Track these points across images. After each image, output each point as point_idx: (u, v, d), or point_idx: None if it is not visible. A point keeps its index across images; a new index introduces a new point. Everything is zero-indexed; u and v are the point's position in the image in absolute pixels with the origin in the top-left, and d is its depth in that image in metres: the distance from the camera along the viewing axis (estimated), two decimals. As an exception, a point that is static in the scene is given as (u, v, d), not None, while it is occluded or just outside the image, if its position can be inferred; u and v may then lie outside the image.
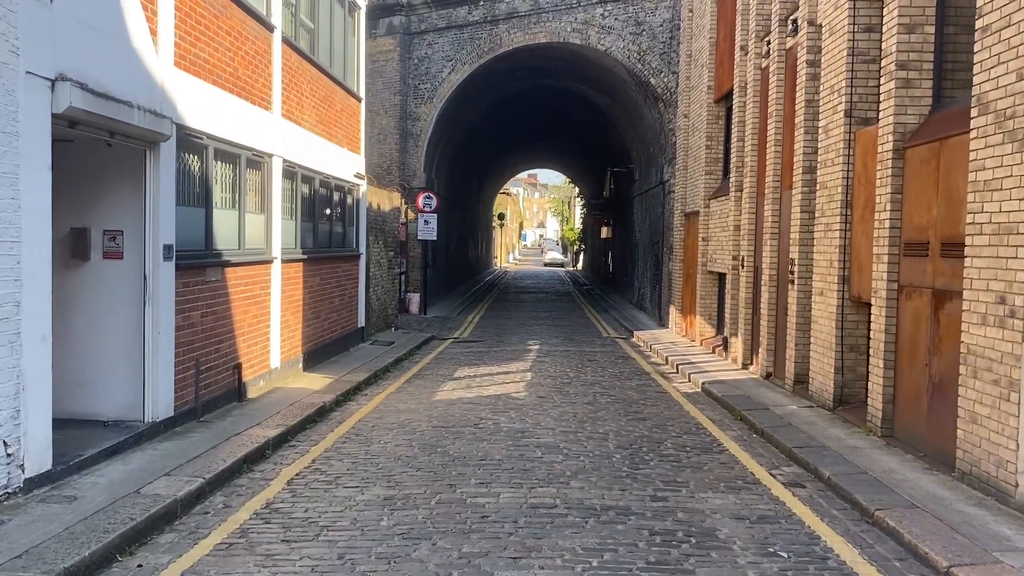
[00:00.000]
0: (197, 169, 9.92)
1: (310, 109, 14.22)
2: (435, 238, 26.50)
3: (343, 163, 16.37)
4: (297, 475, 8.03)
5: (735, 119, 15.93)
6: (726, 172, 18.15)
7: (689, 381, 14.07)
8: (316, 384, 12.67)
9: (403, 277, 26.23)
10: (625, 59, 23.51)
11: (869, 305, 10.13)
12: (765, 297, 13.53)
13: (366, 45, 27.61)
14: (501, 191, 71.46)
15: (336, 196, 16.27)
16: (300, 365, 13.78)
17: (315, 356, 14.57)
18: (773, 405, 11.16)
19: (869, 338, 10.26)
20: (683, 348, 17.99)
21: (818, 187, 11.26)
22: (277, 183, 12.46)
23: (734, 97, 16.00)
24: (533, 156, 55.52)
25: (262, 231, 12.12)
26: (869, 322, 10.32)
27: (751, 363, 14.72)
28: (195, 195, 9.89)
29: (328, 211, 15.70)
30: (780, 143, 13.28)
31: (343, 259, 16.63)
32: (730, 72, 16.86)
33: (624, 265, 35.09)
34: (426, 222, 26.15)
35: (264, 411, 10.48)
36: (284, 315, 12.93)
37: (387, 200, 21.63)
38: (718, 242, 17.40)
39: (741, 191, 15.47)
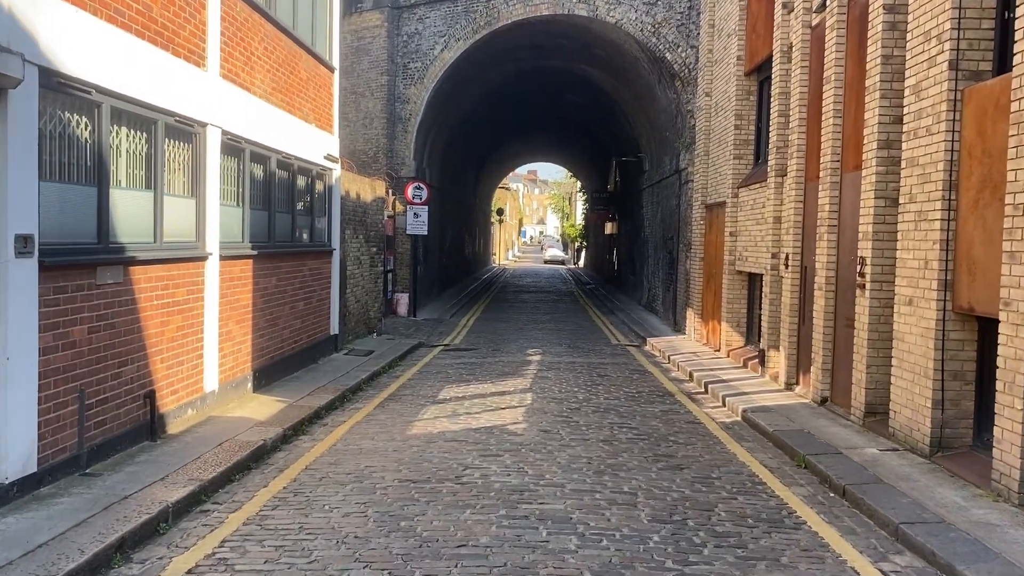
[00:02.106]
0: (84, 134, 7.38)
1: (264, 73, 11.67)
2: (426, 233, 24.01)
3: (310, 142, 13.82)
4: (190, 572, 5.49)
5: (774, 91, 13.38)
6: (758, 156, 15.64)
7: (724, 406, 11.54)
8: (263, 411, 10.14)
9: (390, 276, 23.70)
10: (637, 32, 20.95)
11: (985, 319, 7.61)
12: (820, 304, 11.00)
13: (351, 21, 25.16)
14: (500, 186, 68.86)
15: (301, 181, 13.72)
16: (249, 385, 11.25)
17: (271, 373, 12.03)
18: (845, 447, 8.62)
19: (983, 364, 7.74)
20: (708, 360, 15.45)
21: (904, 165, 8.72)
22: (214, 160, 9.91)
23: (773, 66, 13.46)
24: (533, 148, 52.93)
25: (192, 220, 9.58)
26: (981, 342, 7.81)
27: (797, 383, 12.19)
28: (81, 169, 7.34)
29: (290, 198, 13.16)
30: (841, 114, 10.74)
31: (310, 255, 14.09)
32: (766, 38, 14.33)
33: (631, 263, 32.55)
34: (416, 215, 23.65)
35: (181, 455, 7.94)
36: (225, 325, 10.40)
37: (369, 189, 19.09)
38: (750, 237, 14.87)
39: (784, 176, 12.93)
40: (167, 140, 8.87)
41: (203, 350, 9.77)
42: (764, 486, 7.61)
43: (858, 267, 9.69)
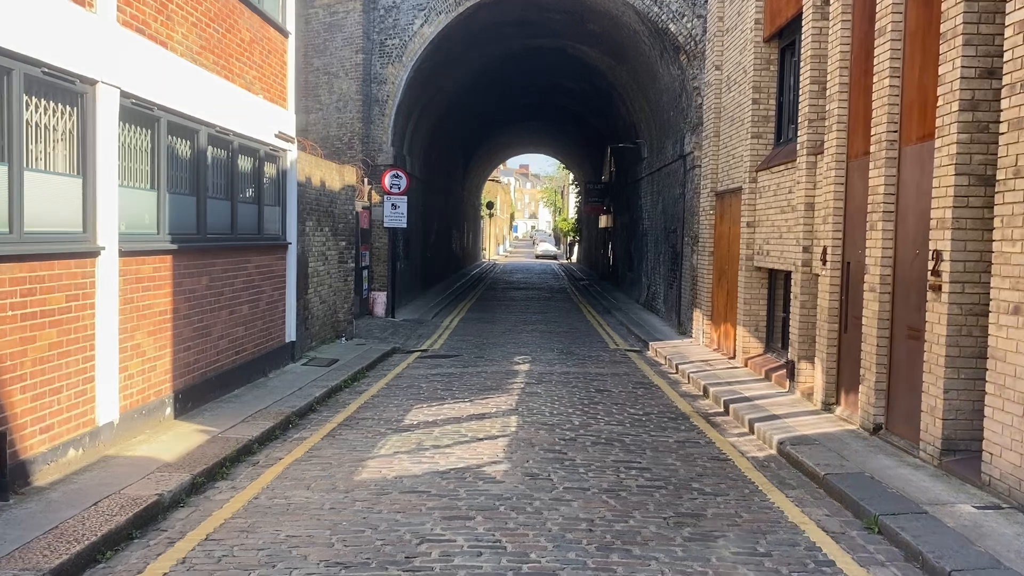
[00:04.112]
0: None
1: (188, 27, 9.51)
2: (405, 226, 21.85)
3: (256, 116, 11.66)
4: None
5: (805, 55, 11.28)
6: (780, 134, 13.55)
7: (753, 433, 9.44)
8: (176, 447, 8.00)
9: (366, 273, 21.57)
10: (637, 1, 18.81)
11: None
12: (872, 309, 8.91)
13: (323, -7, 22.97)
14: (490, 178, 66.76)
15: (245, 162, 11.57)
16: (168, 410, 9.11)
17: (201, 392, 9.90)
18: (928, 501, 6.52)
19: None
20: (723, 371, 13.36)
21: (1004, 130, 6.61)
22: (108, 128, 7.76)
23: (804, 25, 11.34)
24: (523, 138, 50.74)
25: (76, 205, 7.43)
26: None
27: (837, 403, 10.11)
28: None
29: (230, 182, 11.00)
30: (899, 74, 8.63)
31: (257, 250, 11.94)
32: (791, -5, 12.24)
33: (628, 258, 30.46)
34: (394, 206, 21.49)
35: (33, 524, 5.81)
36: (130, 337, 8.26)
37: (337, 175, 16.93)
38: (773, 228, 12.78)
39: (819, 154, 10.83)
40: (30, 98, 6.72)
41: (95, 371, 7.63)
42: (832, 567, 5.51)
43: (932, 263, 7.58)
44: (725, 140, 15.83)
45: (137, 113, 8.43)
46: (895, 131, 8.68)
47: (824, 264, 10.40)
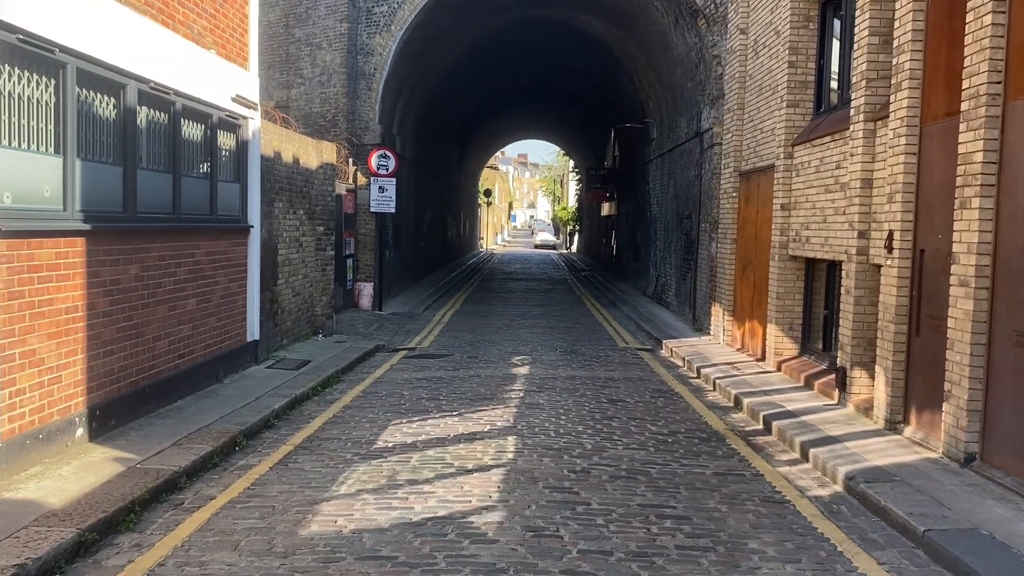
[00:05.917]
0: None
1: (108, -47, 7.63)
2: (393, 210, 19.99)
3: (206, 75, 9.77)
4: None
5: (862, 2, 9.42)
6: (819, 103, 11.71)
7: (807, 461, 7.60)
8: (76, 484, 6.18)
9: (350, 262, 19.70)
10: (651, -40, 16.93)
11: None
12: (964, 307, 7.06)
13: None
14: (488, 165, 64.79)
15: (193, 129, 9.70)
16: (80, 431, 7.28)
17: (130, 406, 8.07)
18: (1087, 580, 4.72)
19: None
20: (753, 376, 11.53)
21: None
22: (-19, 69, 5.91)
23: (858, -34, 9.48)
24: (523, 123, 48.71)
25: (-72, 167, 5.60)
26: None
27: (904, 421, 8.28)
28: None
29: (172, 152, 9.13)
30: (1005, 9, 6.78)
31: (209, 233, 10.09)
32: (840, -64, 10.36)
33: (634, 248, 28.59)
34: (381, 189, 19.64)
35: None
36: (20, 341, 6.42)
37: (313, 152, 15.05)
38: (815, 210, 10.94)
39: (882, 119, 8.97)
40: None
41: (-40, 388, 5.81)
42: None
43: (1064, 250, 5.75)
44: (751, 113, 13.97)
45: (29, 55, 6.57)
46: (998, 82, 6.82)
47: (890, 252, 8.55)
